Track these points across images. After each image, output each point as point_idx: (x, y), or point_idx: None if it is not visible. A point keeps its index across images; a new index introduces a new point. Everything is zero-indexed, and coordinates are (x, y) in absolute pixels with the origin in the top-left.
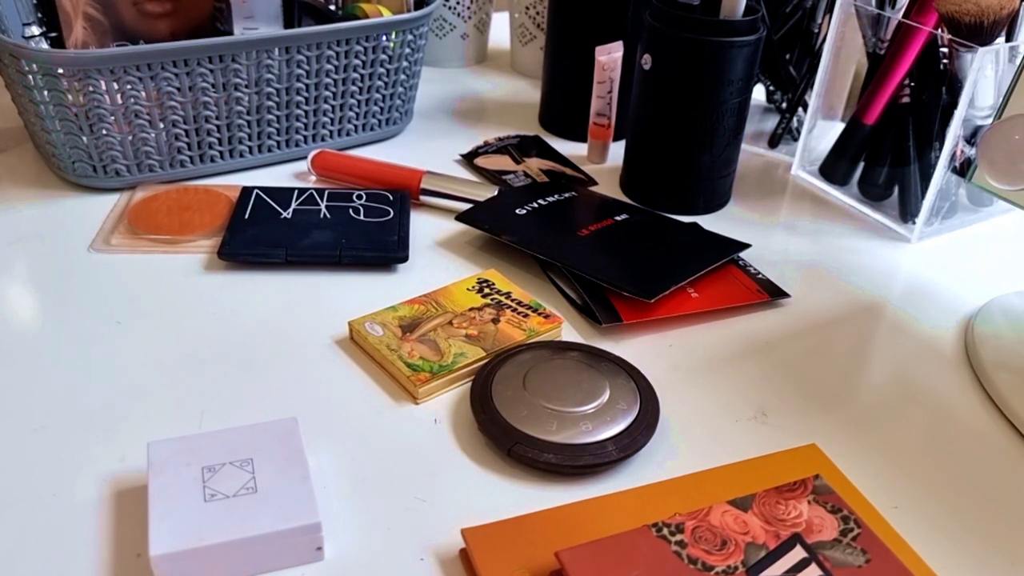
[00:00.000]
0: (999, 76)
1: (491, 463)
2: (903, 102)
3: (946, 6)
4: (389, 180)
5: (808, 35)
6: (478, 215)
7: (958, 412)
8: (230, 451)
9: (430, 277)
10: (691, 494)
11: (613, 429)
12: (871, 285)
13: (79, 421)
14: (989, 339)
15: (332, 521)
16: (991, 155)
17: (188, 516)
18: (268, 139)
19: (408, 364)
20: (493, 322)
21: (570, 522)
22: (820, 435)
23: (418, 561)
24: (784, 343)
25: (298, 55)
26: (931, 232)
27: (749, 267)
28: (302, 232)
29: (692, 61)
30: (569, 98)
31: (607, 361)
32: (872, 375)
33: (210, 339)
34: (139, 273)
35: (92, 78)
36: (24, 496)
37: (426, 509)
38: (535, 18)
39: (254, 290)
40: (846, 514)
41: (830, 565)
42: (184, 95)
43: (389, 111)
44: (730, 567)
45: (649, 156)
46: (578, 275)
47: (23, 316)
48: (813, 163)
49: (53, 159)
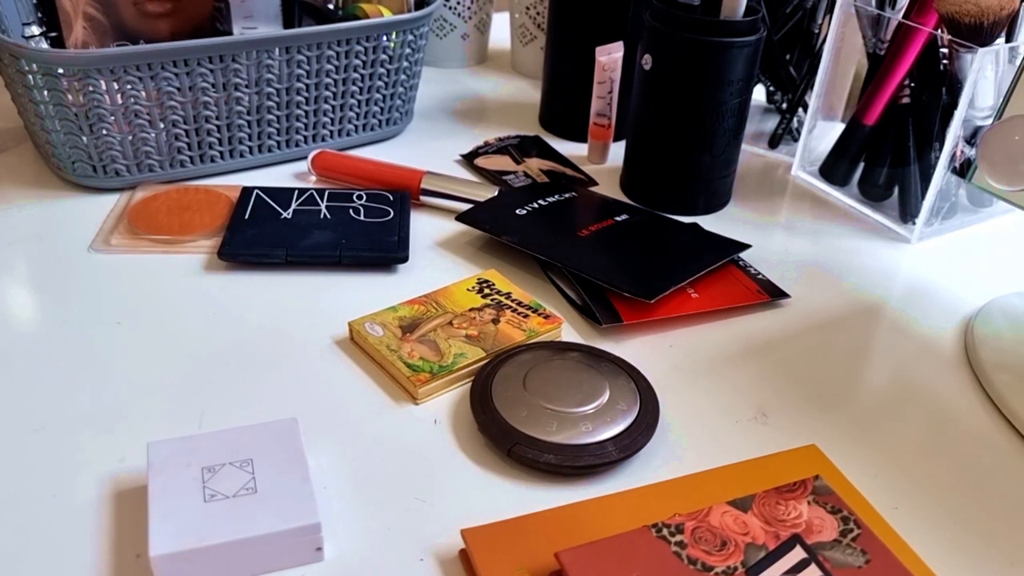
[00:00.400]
0: (999, 77)
1: (491, 463)
2: (903, 103)
3: (946, 7)
4: (389, 180)
5: (808, 35)
6: (478, 215)
7: (958, 413)
8: (230, 451)
9: (430, 277)
10: (691, 495)
11: (613, 430)
12: (871, 286)
13: (79, 421)
14: (989, 340)
15: (332, 521)
16: (991, 156)
17: (188, 516)
18: (268, 139)
19: (408, 364)
20: (493, 322)
21: (570, 523)
22: (820, 436)
23: (418, 561)
24: (784, 343)
25: (298, 55)
26: (931, 233)
27: (749, 267)
28: (302, 232)
29: (692, 61)
30: (569, 98)
31: (607, 361)
32: (872, 376)
33: (210, 339)
34: (139, 273)
35: (92, 78)
36: (24, 496)
37: (426, 509)
38: (535, 18)
39: (254, 290)
40: (846, 515)
41: (830, 566)
42: (184, 95)
43: (389, 111)
44: (730, 568)
45: (649, 156)
46: (578, 275)
47: (23, 316)
48: (813, 163)
49: (53, 159)
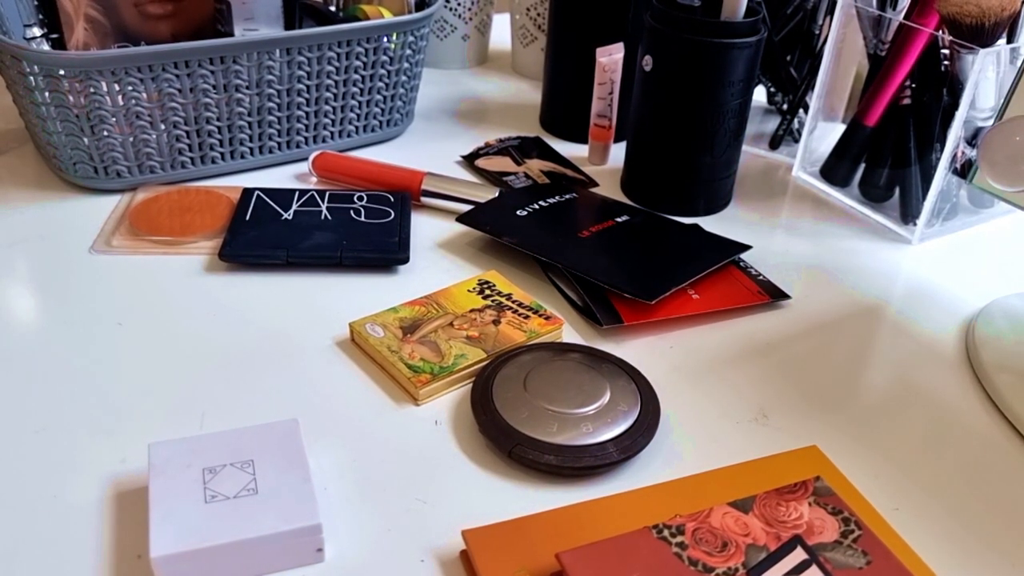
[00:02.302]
0: (1000, 77)
1: (492, 464)
2: (904, 104)
3: (947, 8)
4: (390, 181)
5: (809, 36)
6: (479, 216)
7: (959, 414)
8: (231, 452)
9: (431, 278)
10: (692, 496)
11: (614, 430)
12: (872, 286)
13: (80, 422)
14: (990, 341)
15: (333, 522)
16: (992, 156)
17: (189, 517)
18: (269, 140)
19: (409, 365)
20: (494, 323)
21: (571, 523)
22: (821, 436)
23: (419, 562)
24: (785, 344)
25: (299, 56)
26: (932, 234)
27: (750, 268)
28: (303, 233)
29: (693, 62)
30: (570, 99)
31: (608, 362)
32: (873, 377)
33: (211, 340)
34: (140, 274)
35: (93, 79)
36: (25, 497)
37: (427, 510)
38: (536, 19)
39: (255, 291)
40: (847, 516)
41: (831, 567)
42: (185, 96)
43: (390, 112)
44: (731, 569)
45: (650, 157)
46: (579, 276)
47: (24, 317)
48: (814, 164)
49: (54, 160)
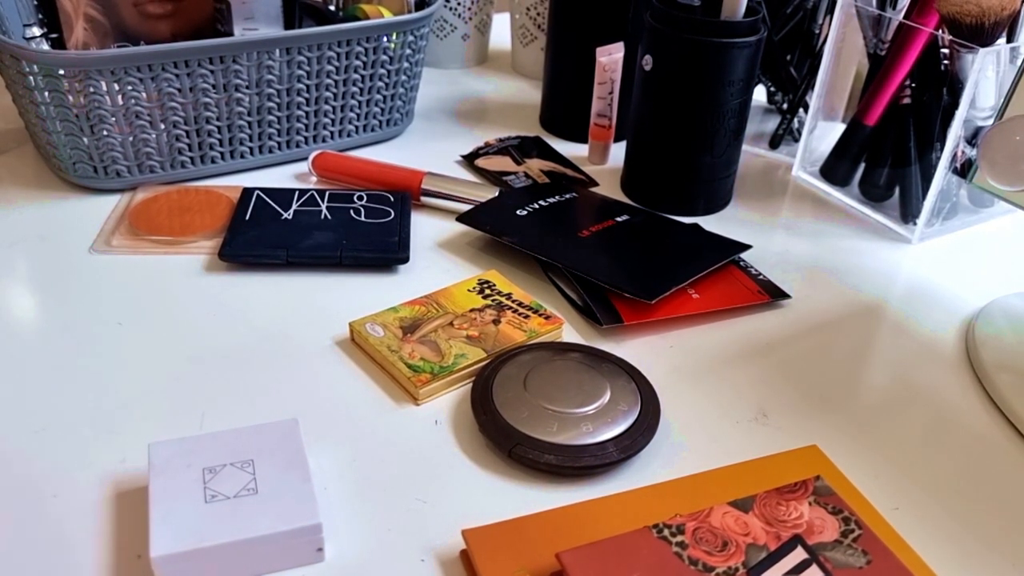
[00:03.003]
0: (1000, 77)
1: (492, 464)
2: (904, 103)
3: (947, 7)
4: (390, 181)
5: (809, 36)
6: (479, 216)
7: (959, 413)
8: (231, 452)
9: (431, 278)
10: (692, 495)
11: (614, 430)
12: (872, 286)
13: (80, 422)
14: (990, 340)
15: (333, 522)
16: (992, 156)
17: (189, 517)
18: (269, 140)
19: (409, 365)
20: (494, 323)
21: (571, 523)
22: (821, 436)
23: (419, 562)
24: (785, 344)
25: (299, 56)
26: (932, 233)
27: (750, 268)
28: (303, 233)
29: (693, 62)
30: (570, 99)
31: (608, 362)
32: (873, 376)
33: (211, 340)
34: (140, 274)
35: (93, 79)
36: (25, 497)
37: (427, 510)
38: (536, 19)
39: (255, 291)
40: (847, 515)
41: (831, 566)
42: (185, 96)
43: (390, 112)
44: (731, 568)
45: (650, 157)
46: (579, 276)
47: (24, 317)
48: (814, 164)
49: (54, 160)
